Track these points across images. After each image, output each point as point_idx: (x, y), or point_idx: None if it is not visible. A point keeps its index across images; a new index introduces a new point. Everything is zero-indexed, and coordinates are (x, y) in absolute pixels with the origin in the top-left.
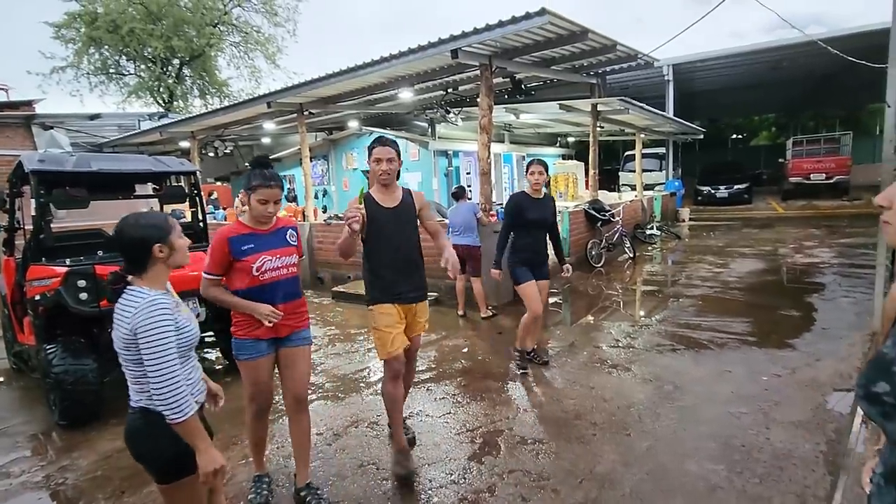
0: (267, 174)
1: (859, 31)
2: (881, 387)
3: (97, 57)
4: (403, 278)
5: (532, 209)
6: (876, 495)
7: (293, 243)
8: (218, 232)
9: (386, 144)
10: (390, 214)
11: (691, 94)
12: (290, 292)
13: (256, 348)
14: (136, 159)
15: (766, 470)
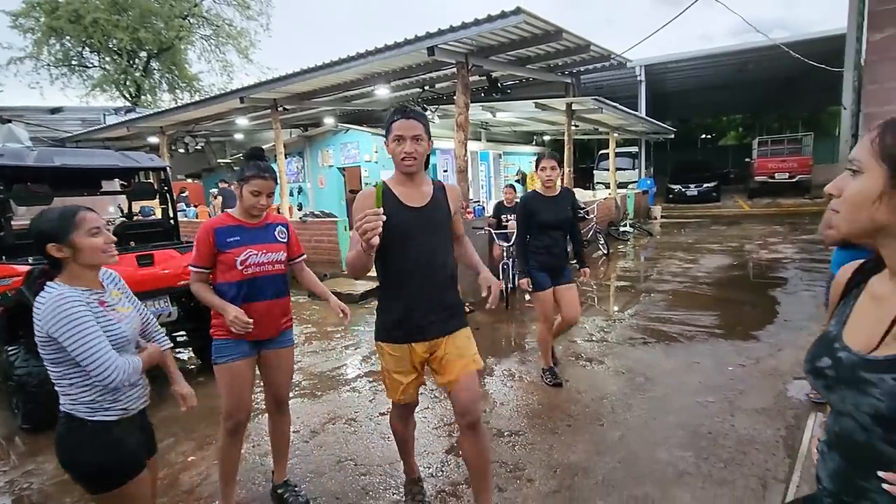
0: (262, 165)
1: (819, 37)
2: (824, 362)
3: (58, 48)
4: (428, 305)
5: (545, 210)
6: (821, 462)
7: (282, 240)
8: (203, 224)
9: (411, 117)
10: (416, 217)
11: (663, 94)
12: (276, 290)
13: (238, 349)
14: (103, 154)
15: (730, 455)
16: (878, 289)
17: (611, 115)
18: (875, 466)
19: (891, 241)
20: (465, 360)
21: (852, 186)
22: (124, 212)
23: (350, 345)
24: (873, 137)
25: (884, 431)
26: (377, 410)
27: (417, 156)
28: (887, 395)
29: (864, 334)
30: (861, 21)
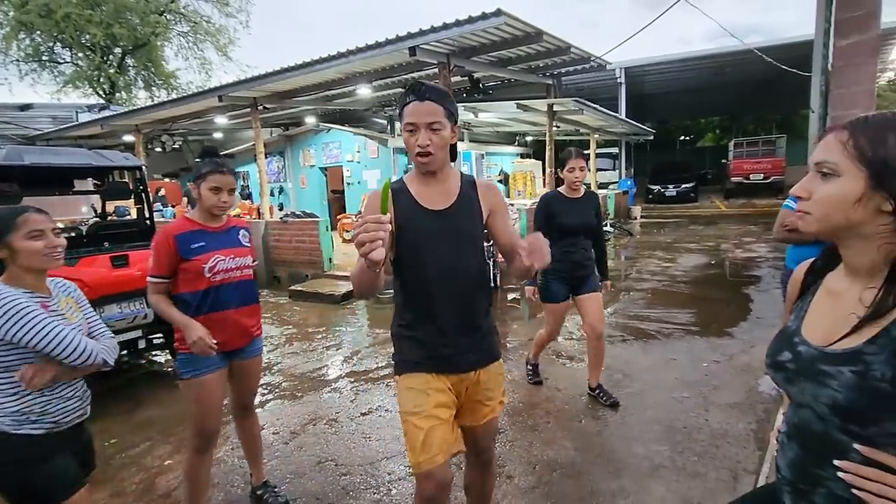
0: (218, 161)
1: (791, 42)
2: (784, 356)
3: (28, 43)
4: (454, 332)
5: (568, 212)
6: (780, 452)
7: (247, 245)
8: (162, 229)
9: (427, 98)
10: (437, 222)
11: (642, 96)
12: (245, 297)
13: (208, 362)
14: (75, 153)
15: (704, 448)
16: (834, 284)
17: (591, 116)
18: (831, 455)
19: (856, 240)
20: (492, 404)
21: (828, 189)
22: (98, 212)
23: (331, 345)
24: (844, 139)
25: (841, 421)
26: (358, 411)
27: (435, 149)
28: (845, 387)
29: (822, 328)
30: (828, 27)
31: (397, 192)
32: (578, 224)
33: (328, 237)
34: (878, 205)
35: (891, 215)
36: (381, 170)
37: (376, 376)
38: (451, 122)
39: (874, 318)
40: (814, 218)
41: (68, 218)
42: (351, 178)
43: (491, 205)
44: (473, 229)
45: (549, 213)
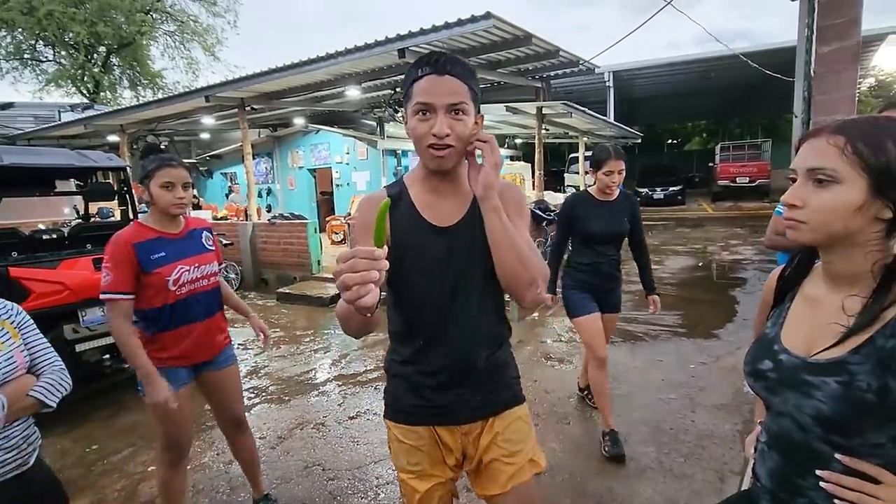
0: (165, 156)
1: (776, 48)
2: (765, 364)
3: (9, 41)
4: (458, 375)
5: (596, 217)
6: (759, 460)
7: (211, 248)
8: (116, 237)
9: (447, 71)
10: (444, 241)
11: (630, 100)
12: (210, 307)
13: (175, 378)
14: (57, 153)
15: (690, 450)
16: (812, 291)
17: (580, 119)
18: (812, 465)
19: (844, 248)
20: (517, 463)
21: (827, 197)
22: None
23: (319, 348)
24: (841, 145)
25: (824, 432)
26: (346, 415)
27: (456, 140)
28: (830, 398)
29: (802, 337)
30: (810, 34)
31: (395, 199)
32: (605, 231)
33: (317, 239)
34: (876, 212)
35: (884, 222)
36: (370, 171)
37: (364, 379)
38: (476, 108)
39: (864, 327)
40: (809, 227)
41: (50, 219)
42: (340, 179)
43: (505, 208)
44: (489, 250)
45: (572, 217)
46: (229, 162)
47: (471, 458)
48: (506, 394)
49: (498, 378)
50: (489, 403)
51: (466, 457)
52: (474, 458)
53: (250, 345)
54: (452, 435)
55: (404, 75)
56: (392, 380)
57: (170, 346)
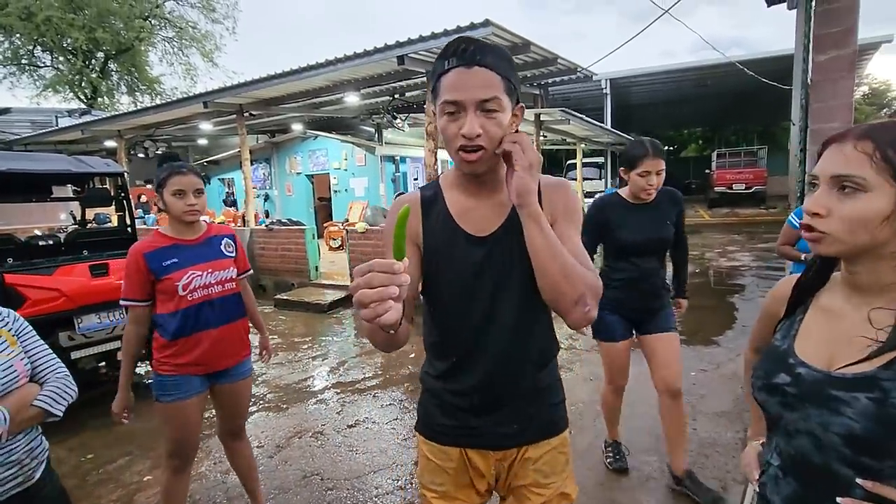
0: (176, 164)
1: (771, 56)
2: (781, 378)
3: (7, 46)
4: (493, 399)
5: (632, 224)
6: (772, 487)
7: (230, 254)
8: (132, 248)
9: (475, 60)
10: (481, 254)
11: (627, 107)
12: (228, 314)
13: (188, 386)
14: (54, 159)
15: (693, 458)
16: (828, 303)
17: (578, 126)
18: (832, 491)
19: (871, 259)
20: (546, 496)
21: (855, 207)
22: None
23: (317, 356)
24: (870, 151)
25: (853, 453)
26: (344, 423)
27: (488, 142)
28: (861, 416)
29: (820, 350)
30: (807, 43)
31: (428, 203)
32: (644, 240)
33: (315, 245)
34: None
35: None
36: (368, 178)
37: (363, 387)
38: (513, 101)
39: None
40: (835, 238)
41: (46, 225)
42: (338, 185)
43: (552, 211)
44: (530, 262)
45: (601, 223)
46: (227, 168)
47: (503, 483)
48: (547, 422)
49: (539, 403)
50: (526, 431)
51: (499, 481)
52: (503, 482)
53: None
54: (485, 460)
55: (432, 67)
56: (425, 394)
57: (184, 352)
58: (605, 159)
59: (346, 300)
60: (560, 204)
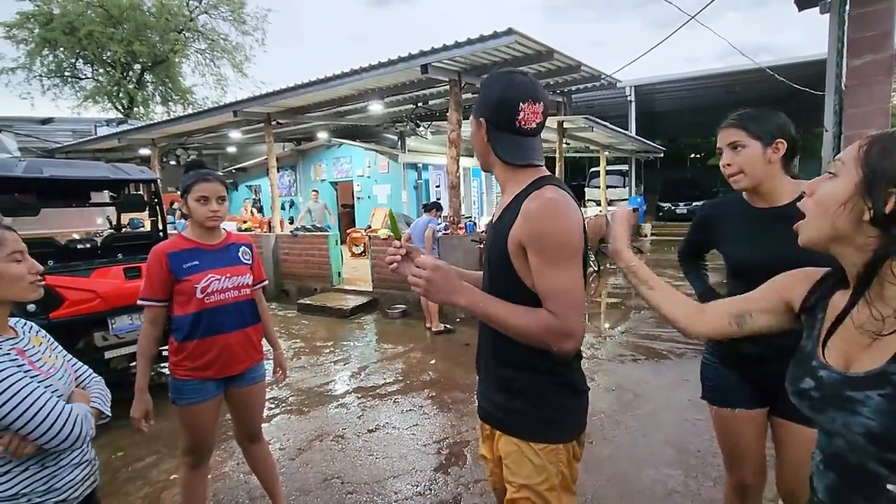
0: (202, 171)
1: (803, 61)
2: (807, 383)
3: (51, 59)
4: (480, 369)
5: (744, 236)
6: (817, 476)
7: (247, 262)
8: (155, 248)
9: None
10: (488, 237)
11: (652, 114)
12: (242, 319)
13: (203, 390)
14: (92, 166)
15: (719, 473)
16: (841, 301)
17: (601, 133)
18: (872, 486)
19: (847, 251)
20: (512, 485)
21: (825, 187)
22: (113, 224)
23: (339, 360)
24: (863, 143)
25: (878, 450)
26: (365, 427)
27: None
28: (876, 413)
29: (840, 350)
30: (841, 47)
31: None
32: (764, 260)
33: (338, 251)
34: (860, 213)
35: (874, 227)
36: (391, 185)
37: (384, 392)
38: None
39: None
40: (808, 220)
41: (84, 229)
42: (361, 192)
43: (522, 240)
44: (498, 255)
45: (704, 227)
46: (254, 175)
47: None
48: (513, 422)
49: (515, 404)
50: (499, 421)
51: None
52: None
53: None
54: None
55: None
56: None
57: (198, 355)
58: (629, 167)
59: (368, 306)
60: (527, 231)
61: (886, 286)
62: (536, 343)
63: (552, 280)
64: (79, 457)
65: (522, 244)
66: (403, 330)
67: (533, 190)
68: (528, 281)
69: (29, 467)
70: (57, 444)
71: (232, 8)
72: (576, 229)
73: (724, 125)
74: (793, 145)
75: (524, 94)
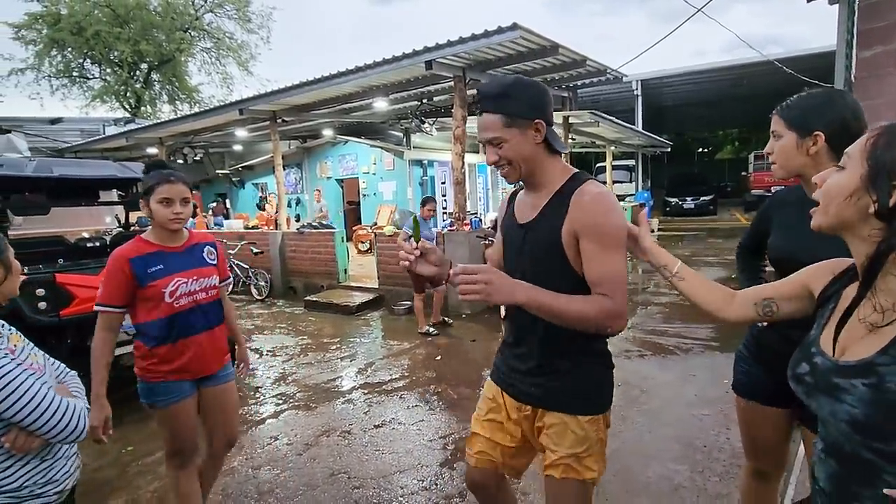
0: (165, 172)
1: (811, 53)
2: (803, 368)
3: (59, 59)
4: (515, 354)
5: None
6: (818, 464)
7: (212, 262)
8: (115, 252)
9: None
10: (518, 235)
11: (659, 108)
12: (212, 319)
13: (180, 389)
14: (101, 165)
15: (725, 469)
16: (851, 292)
17: (608, 128)
18: (868, 475)
19: (854, 241)
20: (554, 459)
21: (833, 178)
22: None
23: (346, 356)
24: (869, 136)
25: (863, 438)
26: (372, 423)
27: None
28: (860, 402)
29: (841, 340)
30: (850, 38)
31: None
32: (795, 250)
33: (344, 248)
34: (866, 206)
35: (879, 220)
36: (396, 181)
37: (390, 388)
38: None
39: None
40: (819, 208)
41: (93, 228)
42: (367, 189)
43: (575, 228)
44: (549, 249)
45: (765, 220)
46: (261, 173)
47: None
48: (562, 398)
49: (564, 381)
50: (545, 398)
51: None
52: (526, 433)
53: (279, 352)
54: (511, 404)
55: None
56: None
57: (170, 359)
58: (635, 161)
59: (374, 302)
60: (582, 222)
61: (889, 279)
62: (592, 326)
63: (606, 265)
64: (70, 448)
65: (576, 234)
66: (409, 326)
67: (576, 186)
68: (580, 269)
69: (29, 461)
70: (63, 438)
71: (237, 6)
72: (624, 220)
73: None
74: (837, 136)
75: (547, 90)
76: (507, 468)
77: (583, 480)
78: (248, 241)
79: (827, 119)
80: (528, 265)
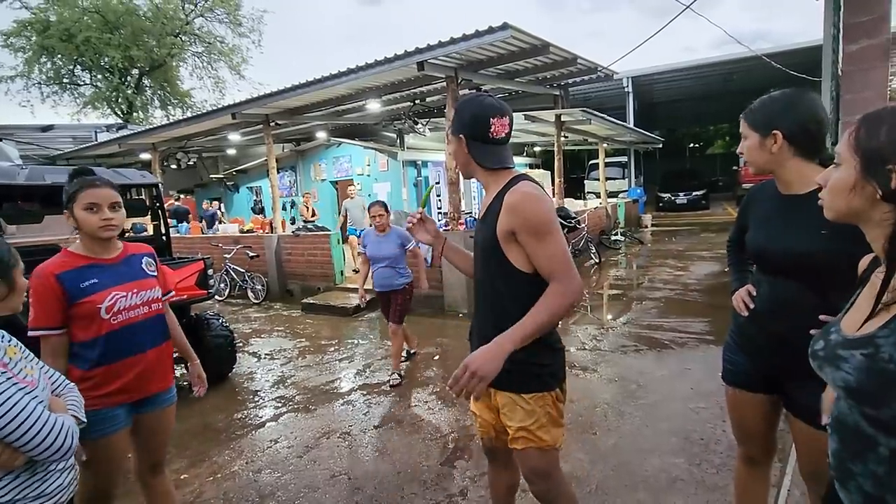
0: (88, 178)
1: (799, 48)
2: (819, 344)
3: (49, 66)
4: (477, 336)
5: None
6: (830, 441)
7: (152, 273)
8: (38, 269)
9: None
10: (477, 229)
11: (650, 104)
12: (156, 337)
13: (115, 418)
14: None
15: (722, 461)
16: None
17: (599, 125)
18: (862, 450)
19: (869, 226)
20: (512, 432)
21: (833, 175)
22: None
23: (344, 358)
24: (851, 131)
25: (855, 402)
26: (371, 424)
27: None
28: (855, 369)
29: (855, 317)
30: (836, 32)
31: None
32: (776, 249)
33: (339, 250)
34: (872, 193)
35: (888, 203)
36: (391, 182)
37: (388, 389)
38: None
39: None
40: (826, 204)
41: None
42: (361, 191)
43: (513, 227)
44: (487, 244)
45: (744, 214)
46: (255, 176)
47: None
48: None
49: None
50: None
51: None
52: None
53: (277, 355)
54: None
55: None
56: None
57: (107, 382)
58: (628, 158)
59: (370, 304)
60: (513, 222)
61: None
62: (565, 313)
63: (546, 250)
64: (65, 462)
65: (512, 231)
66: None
67: (510, 187)
68: (517, 262)
69: (19, 475)
70: (48, 455)
71: (227, 10)
72: (551, 208)
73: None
74: (796, 135)
75: (493, 111)
76: (501, 442)
77: (540, 448)
78: (244, 245)
79: (784, 119)
80: (479, 256)
